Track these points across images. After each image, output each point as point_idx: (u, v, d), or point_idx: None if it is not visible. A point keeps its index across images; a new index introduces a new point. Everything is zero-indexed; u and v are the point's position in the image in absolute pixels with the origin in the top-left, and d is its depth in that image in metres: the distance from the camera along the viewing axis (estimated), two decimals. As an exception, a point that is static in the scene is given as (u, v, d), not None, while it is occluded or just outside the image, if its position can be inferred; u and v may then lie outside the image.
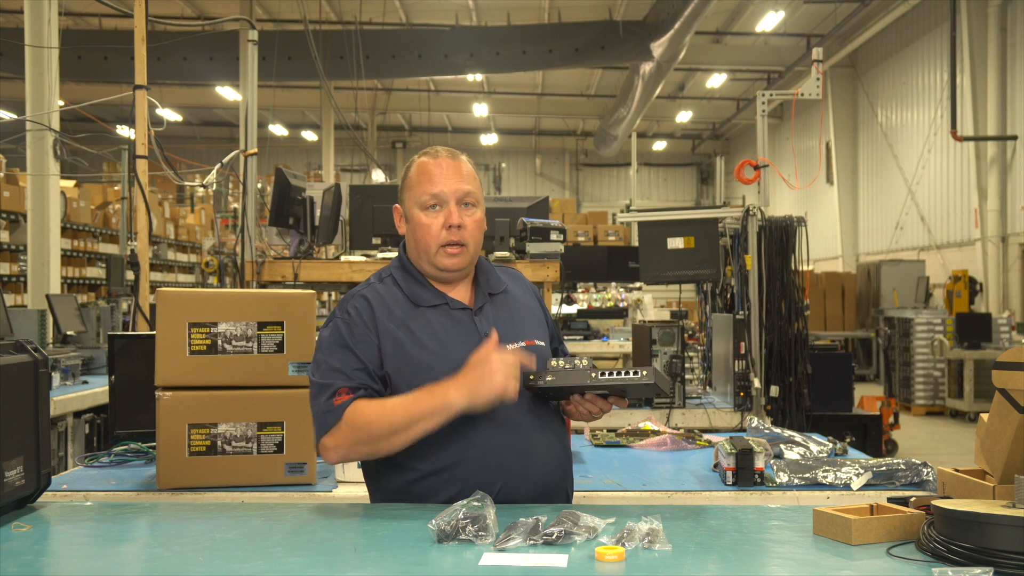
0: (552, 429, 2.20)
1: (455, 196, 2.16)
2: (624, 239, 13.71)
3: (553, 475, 2.17)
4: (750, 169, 6.07)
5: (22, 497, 2.15)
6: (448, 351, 2.11)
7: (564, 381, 2.08)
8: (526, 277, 2.42)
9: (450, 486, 2.08)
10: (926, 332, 12.17)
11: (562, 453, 2.22)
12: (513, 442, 2.10)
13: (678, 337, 5.19)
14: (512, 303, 2.27)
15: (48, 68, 7.78)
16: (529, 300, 2.32)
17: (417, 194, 2.17)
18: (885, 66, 18.26)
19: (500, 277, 2.30)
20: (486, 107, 22.91)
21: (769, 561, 1.78)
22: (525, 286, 2.36)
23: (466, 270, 2.22)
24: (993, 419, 2.04)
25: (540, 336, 2.26)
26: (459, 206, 2.16)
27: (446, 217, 2.15)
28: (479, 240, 2.21)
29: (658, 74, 15.04)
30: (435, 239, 2.15)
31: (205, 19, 16.05)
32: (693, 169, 29.43)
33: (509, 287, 2.30)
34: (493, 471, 2.08)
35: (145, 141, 5.31)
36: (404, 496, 2.13)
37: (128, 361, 3.15)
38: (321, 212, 5.27)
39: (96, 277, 13.03)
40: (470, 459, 2.08)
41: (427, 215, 2.16)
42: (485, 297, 2.23)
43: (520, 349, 2.09)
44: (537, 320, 2.30)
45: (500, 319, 2.21)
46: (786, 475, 2.81)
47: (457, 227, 2.15)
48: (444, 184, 2.16)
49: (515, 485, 2.09)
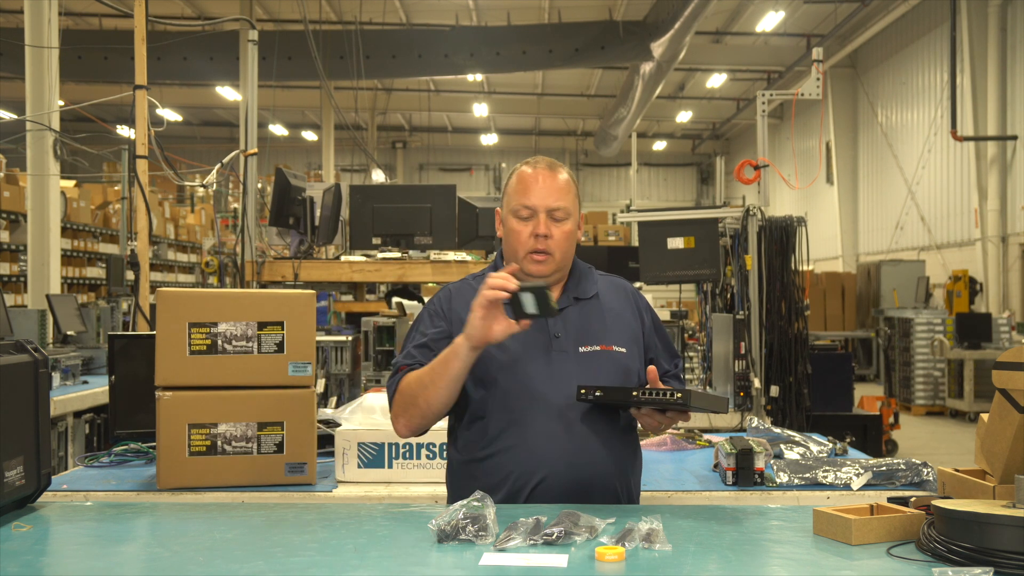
0: (609, 431, 2.25)
1: (545, 209, 2.28)
2: (624, 239, 13.71)
3: (601, 474, 2.23)
4: (750, 169, 6.08)
5: (22, 497, 2.15)
6: (510, 345, 2.22)
7: (609, 398, 2.18)
8: (633, 287, 2.50)
9: (495, 472, 2.21)
10: (926, 332, 12.17)
11: (616, 454, 2.27)
12: (563, 437, 2.20)
13: (678, 337, 5.19)
14: (601, 309, 2.36)
15: (48, 68, 7.78)
16: (625, 309, 2.39)
17: (513, 203, 2.32)
18: (885, 66, 18.26)
19: (595, 285, 2.40)
20: (486, 107, 22.90)
21: (769, 561, 1.78)
22: (626, 296, 2.43)
23: (552, 276, 2.32)
24: (993, 419, 2.04)
25: (625, 344, 2.33)
26: (548, 218, 2.28)
27: (534, 227, 2.28)
28: (566, 250, 2.32)
29: (658, 74, 15.04)
30: (523, 246, 2.29)
31: (205, 19, 16.04)
32: (693, 169, 29.43)
33: (602, 295, 2.39)
34: (538, 462, 2.18)
35: (145, 141, 5.31)
36: (462, 479, 2.27)
37: (128, 361, 3.16)
38: (321, 212, 5.28)
39: (96, 277, 13.03)
40: (518, 447, 2.20)
41: (519, 223, 2.30)
42: (569, 300, 2.33)
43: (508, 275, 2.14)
44: (627, 328, 2.36)
45: (579, 323, 2.31)
46: (786, 475, 2.81)
47: (544, 237, 2.27)
48: (537, 197, 2.29)
49: (558, 477, 2.18)
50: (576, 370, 2.23)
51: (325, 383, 5.04)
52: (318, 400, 3.05)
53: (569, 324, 2.30)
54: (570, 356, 2.26)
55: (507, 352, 2.23)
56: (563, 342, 2.27)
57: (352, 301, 8.77)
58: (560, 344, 2.27)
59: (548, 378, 2.23)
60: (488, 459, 2.23)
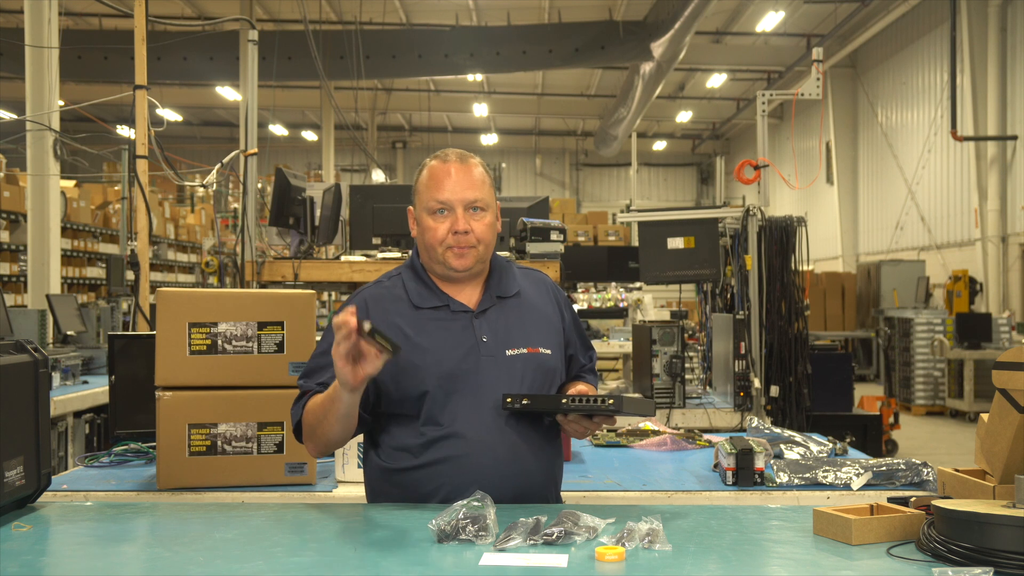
0: (537, 438, 2.21)
1: (462, 204, 2.19)
2: (624, 239, 13.71)
3: (533, 483, 2.19)
4: (750, 169, 6.07)
5: (22, 497, 2.15)
6: (438, 353, 2.16)
7: (536, 406, 2.13)
8: (552, 281, 2.42)
9: (426, 483, 2.14)
10: (926, 332, 12.17)
11: (546, 460, 2.24)
12: (494, 447, 2.14)
13: (678, 337, 5.19)
14: (524, 307, 2.28)
15: (48, 68, 7.78)
16: (546, 305, 2.32)
17: (426, 199, 2.21)
18: (885, 66, 18.26)
19: (516, 280, 2.31)
20: (486, 107, 22.90)
21: (769, 561, 1.78)
22: (546, 291, 2.36)
23: (475, 269, 2.23)
24: (993, 419, 2.04)
25: (549, 344, 2.26)
26: (466, 212, 2.19)
27: (452, 223, 2.19)
28: (489, 241, 2.23)
29: (658, 74, 15.04)
30: (440, 242, 2.19)
31: (205, 19, 16.05)
32: (693, 169, 29.42)
33: (525, 291, 2.30)
34: (471, 473, 2.12)
35: (145, 141, 5.30)
36: (387, 485, 2.21)
37: (128, 361, 3.15)
38: (321, 212, 5.27)
39: (96, 277, 13.03)
40: (449, 459, 2.14)
41: (434, 219, 2.20)
42: (492, 300, 2.25)
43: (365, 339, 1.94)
44: (550, 327, 2.29)
45: (504, 323, 2.23)
46: (786, 475, 2.81)
47: (464, 233, 2.18)
48: (451, 192, 2.19)
49: (491, 488, 2.04)
50: (504, 376, 2.17)
51: (325, 383, 5.03)
52: (318, 400, 3.05)
53: (494, 325, 2.22)
54: (497, 361, 2.18)
55: (433, 358, 2.15)
56: (490, 346, 2.19)
57: (352, 301, 8.75)
58: (487, 348, 2.18)
59: (477, 386, 2.15)
60: (418, 469, 2.15)
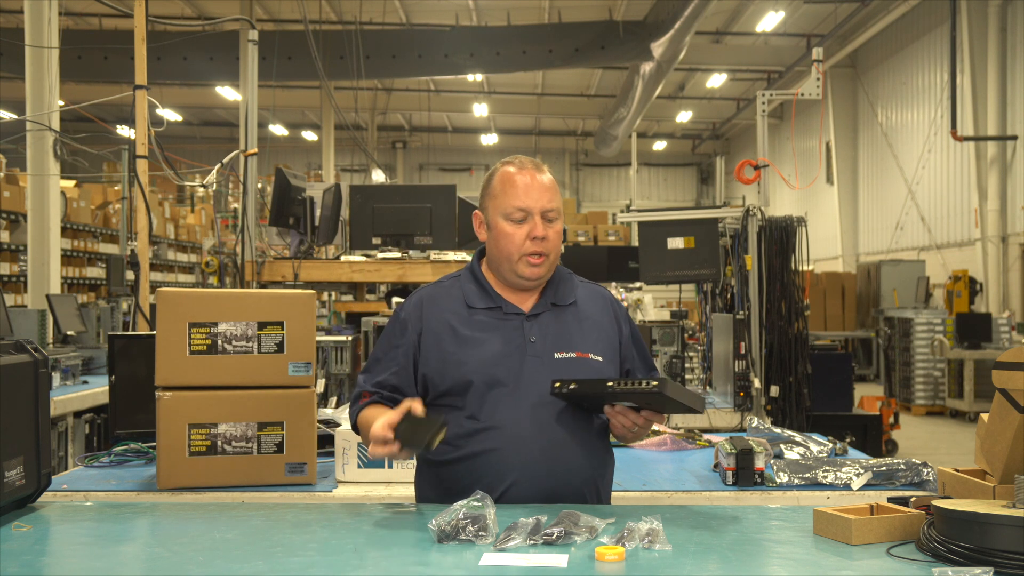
0: (583, 435, 2.23)
1: (540, 211, 2.25)
2: (624, 239, 13.72)
3: (573, 480, 2.21)
4: (750, 169, 6.07)
5: (22, 497, 2.15)
6: (483, 349, 2.21)
7: (583, 389, 2.14)
8: (613, 296, 2.47)
9: (466, 475, 2.17)
10: (926, 332, 12.16)
11: (586, 460, 2.24)
12: (535, 442, 2.17)
13: (678, 337, 5.19)
14: (579, 316, 2.33)
15: (48, 68, 7.78)
16: (603, 317, 2.36)
17: (502, 205, 2.26)
18: (885, 66, 18.25)
19: (574, 291, 2.36)
20: (486, 107, 22.89)
21: (769, 561, 1.78)
22: (606, 304, 2.40)
23: (545, 278, 2.30)
24: (993, 419, 2.04)
25: (601, 352, 2.29)
26: (543, 220, 2.24)
27: (531, 229, 2.24)
28: (559, 250, 2.31)
29: (658, 74, 15.03)
30: (518, 249, 2.25)
31: (205, 19, 16.04)
32: (693, 169, 29.42)
33: (582, 301, 2.35)
34: (510, 467, 2.16)
35: (145, 141, 5.30)
36: (429, 482, 2.28)
37: (128, 361, 3.16)
38: (321, 212, 5.28)
39: (96, 277, 13.03)
40: (489, 452, 2.17)
41: (512, 226, 2.25)
42: (546, 306, 2.30)
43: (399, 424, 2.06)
44: (604, 337, 2.33)
45: (556, 328, 2.28)
46: (786, 475, 2.81)
47: (541, 239, 2.24)
48: (531, 199, 2.25)
49: (529, 482, 2.16)
50: (549, 375, 2.19)
51: (325, 383, 5.04)
52: (318, 400, 3.05)
53: (545, 329, 2.27)
54: (544, 361, 2.23)
55: (477, 352, 2.21)
56: (537, 347, 2.24)
57: (352, 301, 8.77)
58: (534, 349, 2.23)
59: (521, 382, 2.20)
60: (459, 462, 2.20)
